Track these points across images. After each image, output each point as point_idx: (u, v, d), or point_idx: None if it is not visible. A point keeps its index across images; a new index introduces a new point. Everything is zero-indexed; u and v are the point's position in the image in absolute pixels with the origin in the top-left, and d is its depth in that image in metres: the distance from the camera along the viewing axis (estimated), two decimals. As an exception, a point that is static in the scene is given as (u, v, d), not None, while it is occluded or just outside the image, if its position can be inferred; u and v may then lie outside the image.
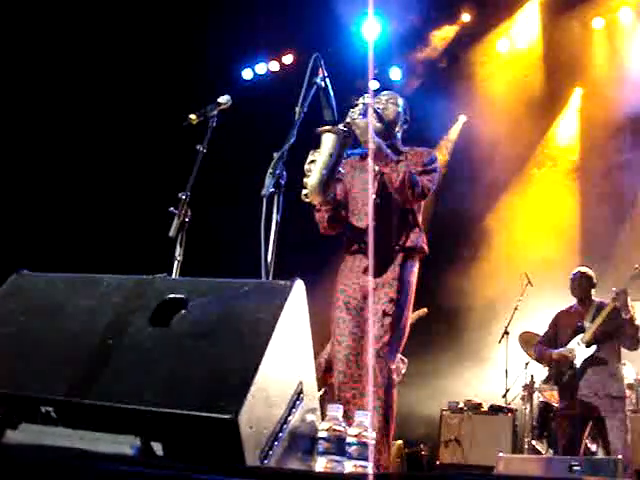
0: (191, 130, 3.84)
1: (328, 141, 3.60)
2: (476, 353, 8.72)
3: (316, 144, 3.63)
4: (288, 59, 9.85)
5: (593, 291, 5.97)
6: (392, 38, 9.27)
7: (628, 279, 5.88)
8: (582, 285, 5.95)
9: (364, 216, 3.97)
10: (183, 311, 2.34)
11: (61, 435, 2.16)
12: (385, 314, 3.78)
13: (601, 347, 5.65)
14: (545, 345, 6.03)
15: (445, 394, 8.08)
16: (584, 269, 6.05)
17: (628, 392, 6.80)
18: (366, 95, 3.89)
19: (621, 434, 5.44)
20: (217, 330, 2.26)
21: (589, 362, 5.63)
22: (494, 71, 9.65)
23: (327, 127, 3.59)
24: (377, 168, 3.98)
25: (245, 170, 5.74)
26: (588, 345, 5.65)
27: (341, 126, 3.65)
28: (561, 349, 5.79)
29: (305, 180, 3.62)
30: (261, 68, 10.01)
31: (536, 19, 9.44)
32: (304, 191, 3.63)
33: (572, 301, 6.11)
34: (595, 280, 6.00)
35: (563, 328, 5.95)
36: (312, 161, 3.61)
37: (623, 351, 5.83)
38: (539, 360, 6.28)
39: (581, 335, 5.72)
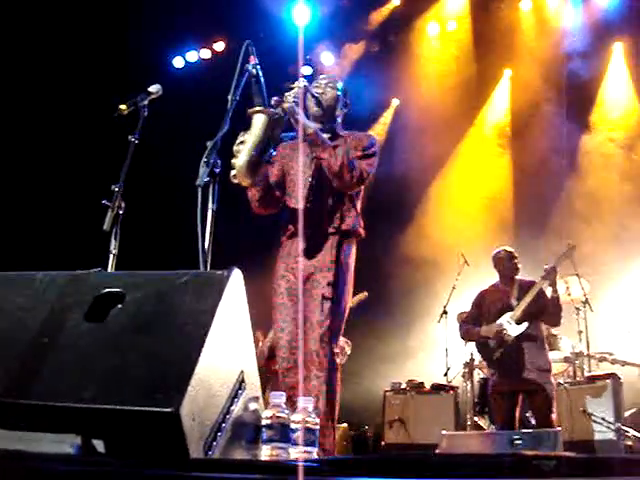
0: (122, 121, 3.77)
1: (258, 122, 3.58)
2: (416, 333, 8.84)
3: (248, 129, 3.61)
4: (219, 46, 9.76)
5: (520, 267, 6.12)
6: (323, 23, 9.28)
7: (559, 257, 6.05)
8: (512, 264, 6.07)
9: (300, 198, 3.97)
10: (119, 305, 2.31)
11: (-1, 437, 2.12)
12: (325, 298, 3.78)
13: (530, 324, 5.79)
14: (470, 324, 6.12)
15: (387, 375, 8.16)
16: (509, 248, 6.18)
17: (565, 365, 7.01)
18: (302, 79, 3.88)
19: (549, 402, 5.63)
20: (155, 323, 2.24)
21: (520, 338, 5.76)
22: (425, 54, 9.74)
23: (257, 108, 3.56)
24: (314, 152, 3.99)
25: (179, 160, 5.68)
26: (519, 322, 5.78)
27: (273, 108, 3.64)
28: (490, 325, 5.89)
29: (233, 161, 3.59)
30: (192, 56, 9.90)
31: (465, 1, 9.55)
32: (232, 172, 3.60)
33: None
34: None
35: (489, 307, 6.04)
36: (241, 142, 3.58)
37: (562, 324, 6.02)
38: (467, 339, 6.36)
39: (510, 313, 5.84)
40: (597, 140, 9.08)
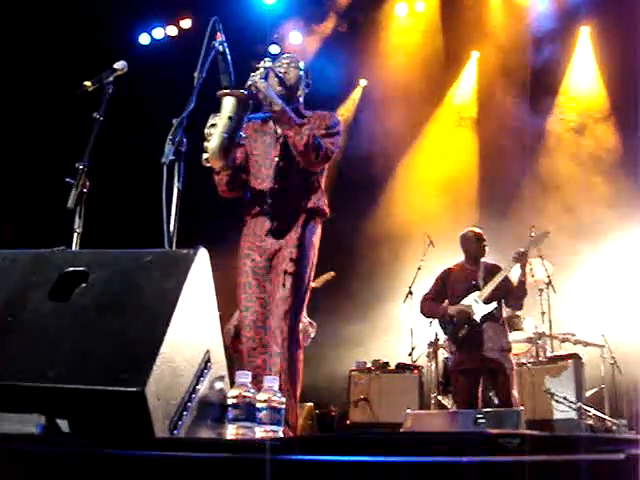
0: (87, 98, 3.72)
1: (228, 104, 3.56)
2: (381, 313, 8.87)
3: (216, 109, 3.59)
4: (186, 23, 9.63)
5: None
6: (291, 1, 9.21)
7: (530, 241, 6.10)
8: (479, 246, 6.10)
9: (266, 178, 3.96)
10: (84, 284, 2.29)
11: (-39, 417, 2.09)
12: (287, 273, 3.79)
13: (496, 305, 5.86)
14: (433, 300, 6.15)
15: (353, 355, 8.20)
16: (478, 229, 6.21)
17: (528, 345, 7.10)
18: (266, 59, 3.87)
19: (510, 382, 5.71)
20: (120, 302, 2.22)
21: (486, 318, 5.82)
22: (393, 34, 9.73)
23: (227, 90, 3.55)
24: (279, 131, 3.98)
25: (144, 137, 5.62)
26: (486, 302, 5.84)
27: (242, 89, 3.63)
28: (459, 305, 5.93)
29: (205, 144, 3.58)
30: (158, 32, 9.76)
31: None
32: (204, 155, 3.59)
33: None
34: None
35: (454, 285, 6.07)
36: (212, 125, 3.57)
37: (525, 305, 6.11)
38: (430, 316, 6.36)
39: (477, 292, 5.89)
40: (560, 123, 9.16)
